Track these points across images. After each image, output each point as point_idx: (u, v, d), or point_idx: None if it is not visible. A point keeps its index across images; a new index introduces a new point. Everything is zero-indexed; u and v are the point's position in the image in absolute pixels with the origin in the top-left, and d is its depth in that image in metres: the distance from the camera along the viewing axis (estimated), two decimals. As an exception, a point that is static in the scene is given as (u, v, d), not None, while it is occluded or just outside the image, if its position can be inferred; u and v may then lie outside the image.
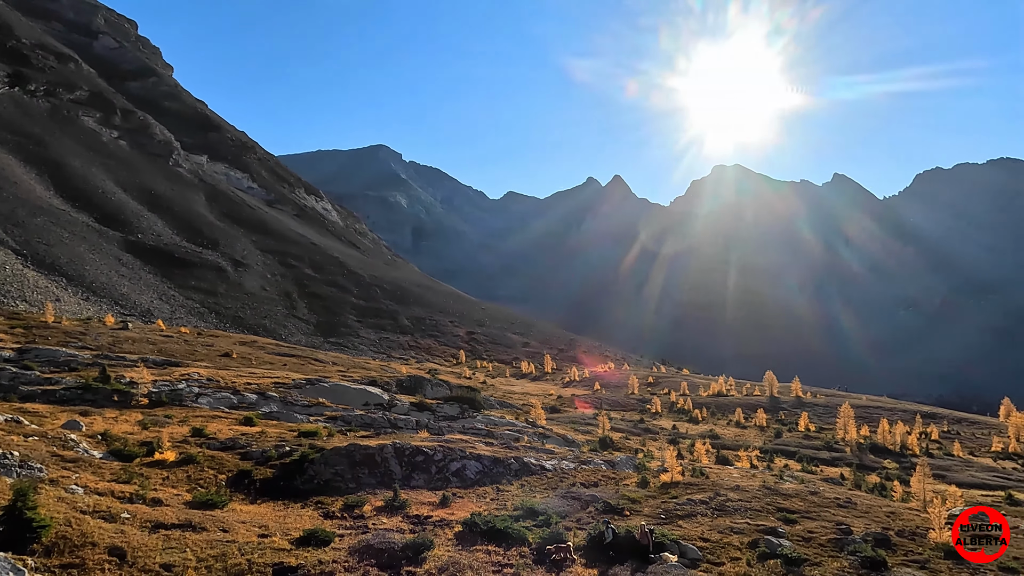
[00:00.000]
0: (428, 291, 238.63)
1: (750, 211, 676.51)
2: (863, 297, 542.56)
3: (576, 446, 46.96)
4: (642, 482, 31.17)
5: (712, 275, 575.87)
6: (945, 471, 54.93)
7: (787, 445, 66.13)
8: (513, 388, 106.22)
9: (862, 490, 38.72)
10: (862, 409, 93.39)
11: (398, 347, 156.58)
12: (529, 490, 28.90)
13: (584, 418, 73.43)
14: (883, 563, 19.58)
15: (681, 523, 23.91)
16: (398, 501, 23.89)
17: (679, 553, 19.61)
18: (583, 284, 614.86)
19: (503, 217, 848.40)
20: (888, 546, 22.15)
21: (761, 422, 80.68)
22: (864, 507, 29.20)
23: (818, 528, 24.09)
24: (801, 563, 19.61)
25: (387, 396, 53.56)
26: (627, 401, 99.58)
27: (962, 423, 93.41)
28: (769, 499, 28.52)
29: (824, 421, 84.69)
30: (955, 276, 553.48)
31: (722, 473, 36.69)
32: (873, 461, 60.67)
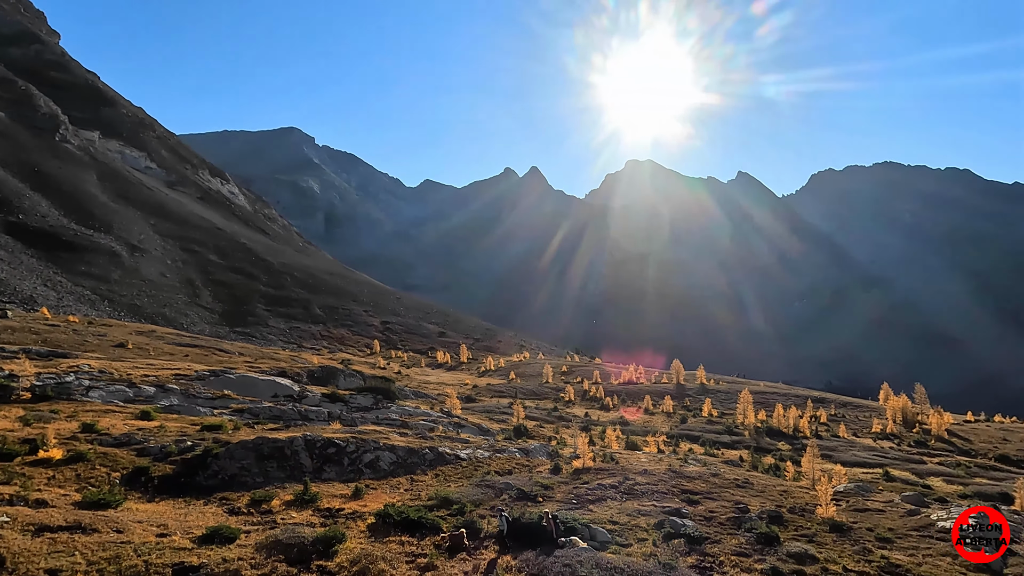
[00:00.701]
0: (342, 280, 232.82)
1: (662, 205, 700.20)
2: (764, 289, 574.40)
3: (491, 435, 47.32)
4: (555, 469, 31.83)
5: (626, 267, 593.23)
6: (832, 451, 59.18)
7: (692, 430, 69.26)
8: (429, 378, 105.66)
9: (759, 471, 41.12)
10: (760, 395, 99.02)
11: (310, 337, 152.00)
12: (444, 480, 28.90)
13: (499, 407, 74.06)
14: (776, 538, 20.93)
15: (592, 507, 24.61)
16: (309, 494, 23.29)
17: (589, 536, 20.19)
18: (501, 274, 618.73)
19: (420, 206, 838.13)
20: (781, 522, 23.69)
21: (668, 408, 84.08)
22: (760, 487, 31.06)
23: (719, 508, 25.44)
24: (703, 541, 20.66)
25: (298, 387, 52.00)
26: (542, 390, 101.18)
27: (847, 407, 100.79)
28: (674, 482, 29.82)
29: (726, 407, 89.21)
30: (845, 270, 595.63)
31: (631, 458, 38.00)
32: (769, 443, 64.55)
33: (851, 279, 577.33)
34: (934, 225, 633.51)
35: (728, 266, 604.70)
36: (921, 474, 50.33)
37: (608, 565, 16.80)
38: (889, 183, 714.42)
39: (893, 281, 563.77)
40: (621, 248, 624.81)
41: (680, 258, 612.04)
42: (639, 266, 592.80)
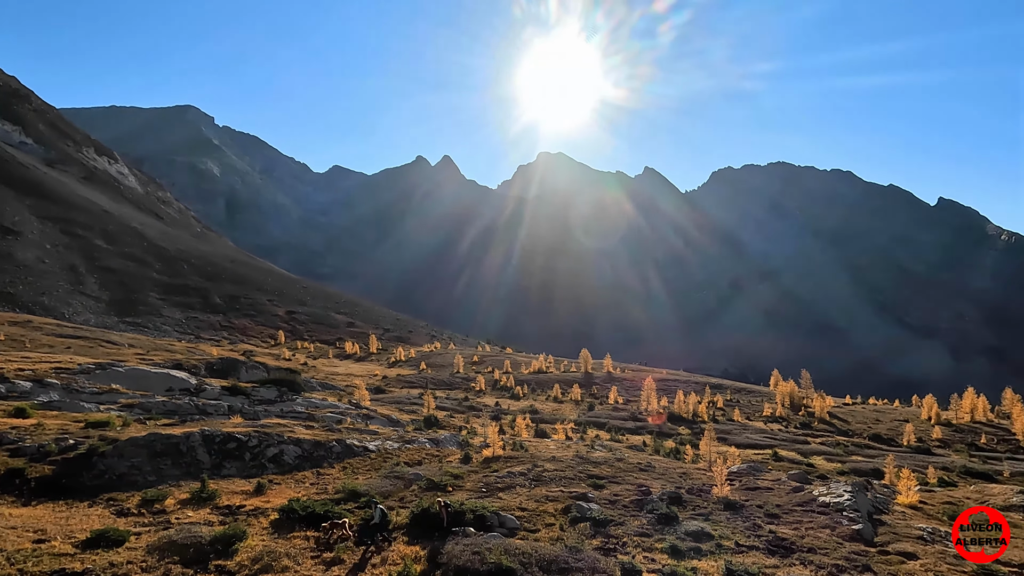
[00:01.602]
0: (244, 267, 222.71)
1: (573, 198, 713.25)
2: (669, 280, 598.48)
3: (401, 426, 46.85)
4: (465, 458, 31.93)
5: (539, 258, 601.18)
6: (727, 434, 62.66)
7: (599, 417, 71.35)
8: (337, 369, 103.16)
9: (660, 455, 42.92)
10: (662, 382, 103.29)
11: (208, 327, 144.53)
12: (352, 472, 28.36)
13: (410, 398, 73.40)
14: (675, 518, 21.96)
15: (501, 495, 24.89)
16: (206, 492, 22.23)
17: (499, 524, 20.42)
18: (413, 264, 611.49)
19: (328, 192, 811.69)
20: (680, 503, 24.86)
21: (576, 396, 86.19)
22: (662, 469, 32.46)
23: (623, 491, 26.37)
24: (607, 524, 21.37)
25: (195, 380, 49.42)
26: (452, 380, 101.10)
27: (742, 392, 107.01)
28: (581, 467, 30.64)
29: (631, 394, 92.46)
30: (741, 263, 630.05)
31: (540, 446, 38.70)
32: (670, 428, 67.54)
33: (747, 271, 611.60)
34: (820, 222, 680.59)
35: (635, 258, 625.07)
36: (806, 453, 54.16)
37: (516, 551, 17.06)
38: (782, 182, 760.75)
39: (784, 274, 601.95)
40: (534, 239, 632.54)
41: (590, 250, 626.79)
42: (551, 257, 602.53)
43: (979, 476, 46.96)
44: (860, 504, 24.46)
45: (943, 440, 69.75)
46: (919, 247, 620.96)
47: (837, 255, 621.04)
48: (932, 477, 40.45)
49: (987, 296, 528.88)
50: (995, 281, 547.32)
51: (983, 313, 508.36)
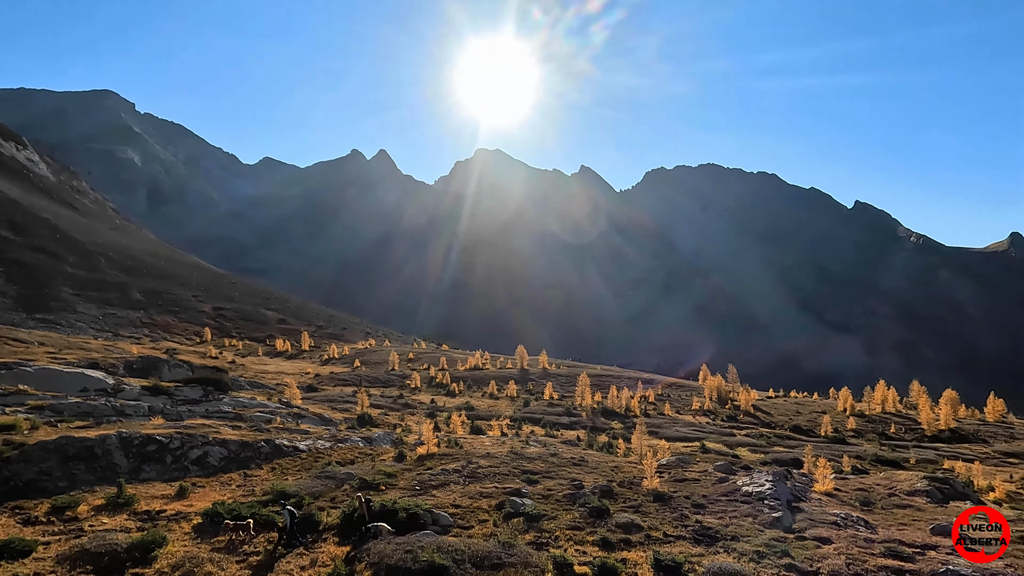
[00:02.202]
0: (167, 262, 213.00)
1: (510, 194, 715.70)
2: (604, 277, 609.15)
3: (334, 425, 45.93)
4: (399, 456, 31.62)
5: (477, 254, 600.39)
6: (658, 428, 64.35)
7: (534, 412, 71.96)
8: (267, 367, 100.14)
9: (594, 449, 43.66)
10: (596, 377, 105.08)
11: (128, 324, 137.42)
12: (281, 473, 27.63)
13: (343, 396, 72.02)
14: (607, 511, 22.41)
15: (435, 492, 24.77)
16: (124, 497, 21.18)
17: (432, 521, 20.32)
18: (348, 259, 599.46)
19: (258, 184, 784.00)
20: (612, 496, 25.37)
21: (512, 393, 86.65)
22: (594, 464, 33.04)
23: (556, 486, 26.70)
24: (540, 518, 21.59)
25: (112, 380, 46.95)
26: (387, 377, 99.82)
27: (673, 387, 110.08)
28: (516, 463, 30.83)
29: (566, 390, 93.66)
30: (673, 261, 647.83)
31: (475, 442, 38.73)
32: (604, 423, 68.78)
33: (679, 269, 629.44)
34: (748, 222, 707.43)
35: (572, 255, 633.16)
36: (732, 445, 56.23)
37: (449, 548, 17.02)
38: (712, 183, 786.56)
39: (714, 272, 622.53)
40: (472, 236, 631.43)
41: (527, 246, 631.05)
42: (490, 254, 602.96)
43: (889, 463, 49.91)
44: (780, 493, 25.59)
45: (857, 430, 73.76)
46: (837, 247, 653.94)
47: (763, 254, 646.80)
48: (846, 465, 42.72)
49: (897, 294, 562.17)
50: (904, 280, 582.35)
51: (893, 310, 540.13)
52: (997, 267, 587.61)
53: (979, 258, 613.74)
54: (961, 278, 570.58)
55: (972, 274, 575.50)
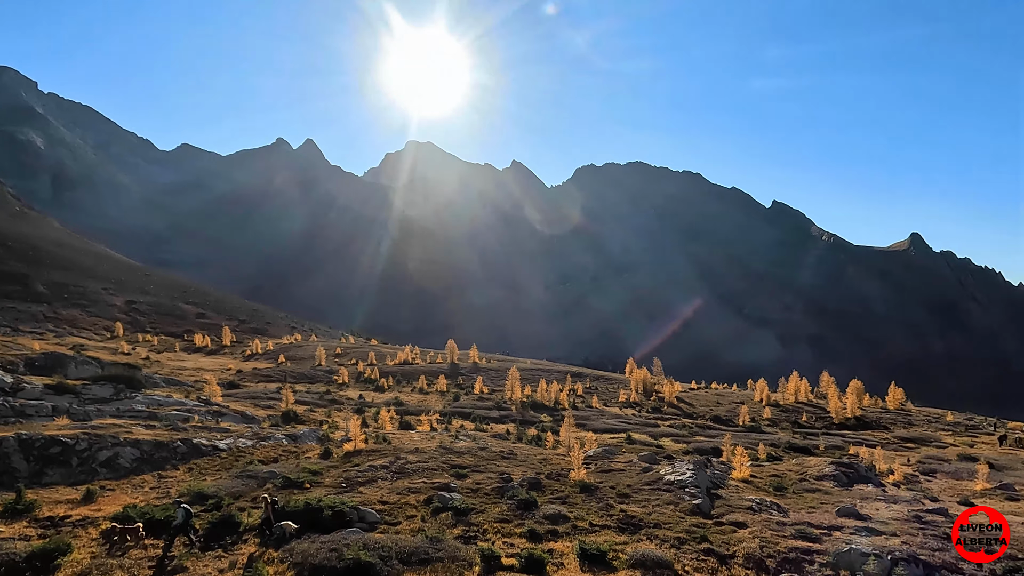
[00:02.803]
0: (74, 252, 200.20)
1: (442, 188, 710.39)
2: (534, 272, 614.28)
3: (256, 422, 44.46)
4: (325, 453, 30.94)
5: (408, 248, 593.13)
6: (586, 420, 65.54)
7: (464, 407, 71.86)
8: (184, 364, 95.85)
9: (523, 442, 44.06)
10: (526, 371, 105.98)
11: (30, 319, 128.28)
12: (199, 473, 26.53)
13: (267, 392, 69.77)
14: (534, 503, 22.67)
15: (362, 489, 24.39)
16: (23, 503, 19.83)
17: (358, 518, 20.00)
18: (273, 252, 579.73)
19: (176, 171, 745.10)
20: (539, 488, 25.69)
21: (442, 387, 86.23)
22: (523, 457, 33.35)
23: (485, 479, 26.80)
24: (469, 512, 21.63)
25: (11, 379, 43.82)
26: (314, 373, 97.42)
27: (600, 380, 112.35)
28: (445, 458, 30.75)
29: (496, 383, 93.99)
30: (602, 257, 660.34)
31: (404, 438, 38.37)
32: (533, 416, 69.45)
33: (607, 265, 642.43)
34: (673, 220, 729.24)
35: (503, 250, 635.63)
36: (656, 436, 57.93)
37: (376, 545, 16.81)
38: (639, 181, 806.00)
39: (640, 267, 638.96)
40: (403, 229, 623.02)
41: (459, 240, 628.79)
42: (421, 248, 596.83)
43: (800, 451, 52.63)
44: (700, 481, 26.59)
45: (772, 419, 77.44)
46: (756, 245, 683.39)
47: (686, 252, 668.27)
48: (762, 453, 44.79)
49: (810, 290, 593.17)
50: (816, 277, 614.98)
51: (806, 305, 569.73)
52: (899, 265, 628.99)
53: (883, 256, 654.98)
54: (867, 275, 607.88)
55: (877, 271, 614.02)
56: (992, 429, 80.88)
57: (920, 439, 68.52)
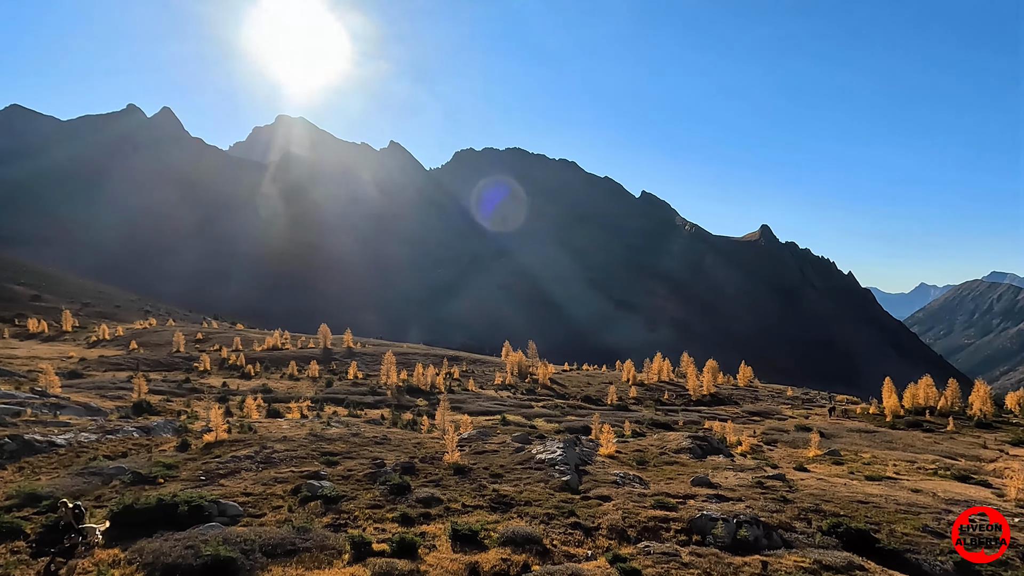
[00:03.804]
0: None
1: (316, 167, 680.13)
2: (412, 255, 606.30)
3: (103, 414, 40.74)
4: (183, 445, 28.96)
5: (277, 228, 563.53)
6: (462, 403, 66.02)
7: (337, 393, 69.92)
8: (15, 352, 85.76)
9: (398, 427, 43.62)
10: (403, 356, 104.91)
11: None
12: (32, 472, 23.91)
13: (116, 382, 64.01)
14: (408, 487, 22.53)
15: (223, 481, 23.09)
16: None
17: (219, 512, 18.92)
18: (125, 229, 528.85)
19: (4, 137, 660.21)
20: (413, 472, 25.57)
21: (314, 373, 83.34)
22: (398, 441, 33.04)
23: (357, 466, 26.26)
24: (339, 500, 21.11)
25: None
26: (171, 360, 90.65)
27: (477, 363, 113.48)
28: (315, 445, 29.79)
29: (371, 368, 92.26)
30: (480, 240, 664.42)
31: (272, 426, 36.76)
32: (409, 401, 68.97)
33: (485, 249, 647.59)
34: (548, 206, 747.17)
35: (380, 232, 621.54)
36: (529, 416, 59.49)
37: (238, 538, 15.98)
38: (517, 167, 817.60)
39: (517, 252, 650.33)
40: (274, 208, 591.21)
41: (333, 221, 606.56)
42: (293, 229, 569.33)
43: (662, 426, 56.19)
44: (569, 458, 27.65)
45: (637, 398, 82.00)
46: (625, 233, 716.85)
47: (560, 237, 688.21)
48: (627, 430, 47.32)
49: (673, 276, 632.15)
50: (679, 264, 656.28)
51: (670, 291, 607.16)
52: (751, 254, 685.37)
53: (737, 246, 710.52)
54: (723, 263, 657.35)
55: (732, 260, 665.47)
56: (824, 402, 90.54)
57: (765, 412, 75.42)
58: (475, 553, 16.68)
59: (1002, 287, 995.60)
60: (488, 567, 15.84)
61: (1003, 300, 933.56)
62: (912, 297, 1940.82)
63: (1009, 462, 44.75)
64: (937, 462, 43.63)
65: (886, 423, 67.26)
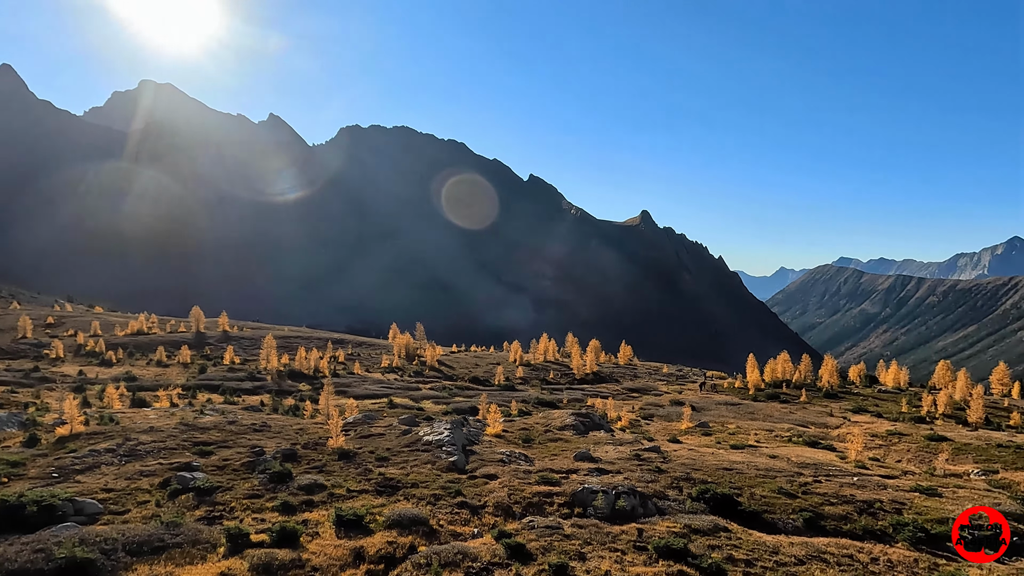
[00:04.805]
0: None
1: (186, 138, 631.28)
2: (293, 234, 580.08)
3: (-69, 409, 36.12)
4: (31, 440, 26.28)
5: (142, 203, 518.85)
6: (347, 387, 64.50)
7: (212, 379, 66.04)
8: None
9: (279, 413, 41.94)
10: (284, 339, 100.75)
11: None
12: None
13: (-52, 373, 56.92)
14: (289, 475, 21.74)
15: (80, 478, 21.22)
16: None
17: (74, 511, 17.38)
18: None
19: None
20: (295, 459, 24.71)
21: (186, 359, 78.17)
22: (278, 428, 31.77)
23: (233, 455, 25.00)
24: (214, 491, 20.02)
25: None
26: (16, 347, 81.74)
27: (363, 346, 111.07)
28: (186, 435, 28.02)
29: (249, 353, 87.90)
30: (366, 220, 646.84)
31: (137, 416, 34.19)
32: (291, 386, 66.43)
33: (372, 229, 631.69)
34: (436, 187, 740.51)
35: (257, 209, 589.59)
36: (417, 399, 59.17)
37: (96, 538, 14.76)
38: (405, 146, 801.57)
39: (405, 233, 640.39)
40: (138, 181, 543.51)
41: (206, 197, 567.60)
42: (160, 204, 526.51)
43: (547, 405, 57.78)
44: (457, 439, 27.79)
45: (524, 378, 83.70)
46: (514, 215, 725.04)
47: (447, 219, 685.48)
48: (514, 409, 48.25)
49: (559, 259, 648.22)
50: (565, 247, 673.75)
51: (556, 273, 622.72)
52: (632, 239, 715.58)
53: (619, 230, 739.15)
54: (606, 247, 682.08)
55: (614, 244, 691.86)
56: (696, 378, 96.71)
57: (643, 389, 79.48)
58: (360, 538, 16.42)
59: (848, 271, 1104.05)
60: (374, 551, 15.65)
61: (848, 283, 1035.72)
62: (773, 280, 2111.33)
63: (851, 428, 50.03)
64: (791, 430, 47.98)
65: (749, 396, 73.02)
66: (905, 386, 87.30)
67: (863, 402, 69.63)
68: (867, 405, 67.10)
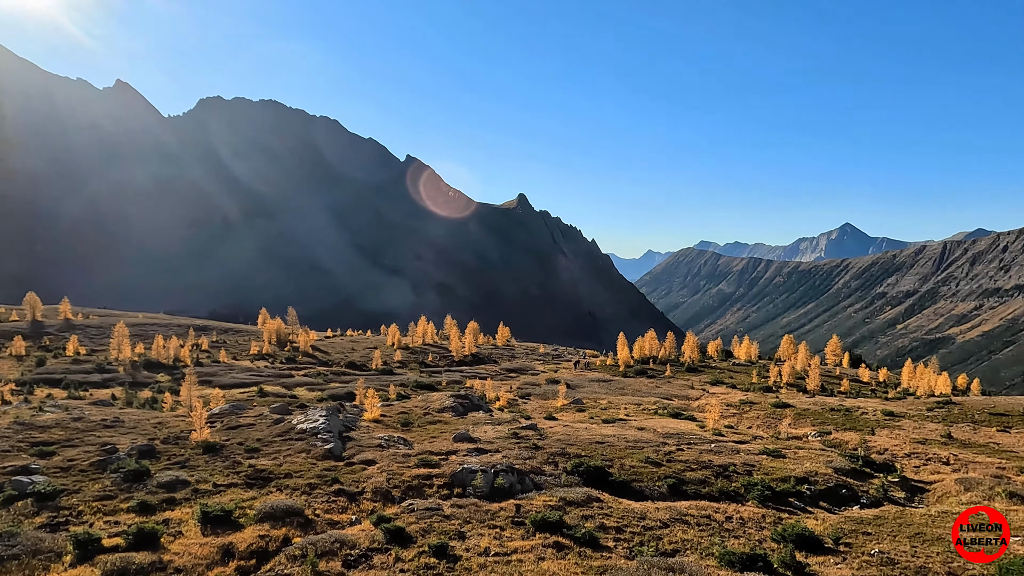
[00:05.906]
0: None
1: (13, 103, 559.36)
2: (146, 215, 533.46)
3: None
4: None
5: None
6: (212, 376, 60.71)
7: (53, 372, 59.68)
8: None
9: (134, 407, 38.75)
10: (138, 327, 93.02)
11: None
12: None
13: None
14: (147, 472, 20.18)
15: None
16: None
17: None
18: None
19: None
20: (153, 455, 22.98)
21: (19, 351, 70.03)
22: (133, 423, 29.38)
23: (80, 454, 22.83)
24: (57, 495, 18.19)
25: None
26: None
27: (230, 332, 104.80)
28: (23, 435, 25.23)
29: (97, 343, 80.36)
30: (233, 199, 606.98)
31: (-41, 417, 30.28)
32: (147, 377, 61.46)
33: (239, 209, 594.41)
34: (309, 166, 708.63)
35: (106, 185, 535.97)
36: (290, 386, 56.89)
37: (-89, 557, 12.98)
38: (274, 122, 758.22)
39: (276, 214, 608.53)
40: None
41: (42, 172, 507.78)
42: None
43: (426, 387, 57.61)
44: (333, 426, 27.07)
45: (403, 361, 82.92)
46: (392, 197, 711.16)
47: (322, 199, 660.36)
48: (392, 393, 47.70)
49: (438, 241, 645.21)
50: (443, 229, 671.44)
51: (435, 255, 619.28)
52: (509, 221, 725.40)
53: (497, 213, 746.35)
54: (484, 229, 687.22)
55: (492, 226, 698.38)
56: (571, 357, 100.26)
57: (520, 369, 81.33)
58: (229, 533, 15.62)
59: (707, 254, 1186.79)
60: (244, 546, 14.95)
61: (708, 265, 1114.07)
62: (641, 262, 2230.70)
63: (709, 399, 54.11)
64: (658, 403, 51.14)
65: (620, 372, 76.93)
66: (756, 359, 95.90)
67: (720, 375, 75.58)
68: (723, 377, 72.91)
